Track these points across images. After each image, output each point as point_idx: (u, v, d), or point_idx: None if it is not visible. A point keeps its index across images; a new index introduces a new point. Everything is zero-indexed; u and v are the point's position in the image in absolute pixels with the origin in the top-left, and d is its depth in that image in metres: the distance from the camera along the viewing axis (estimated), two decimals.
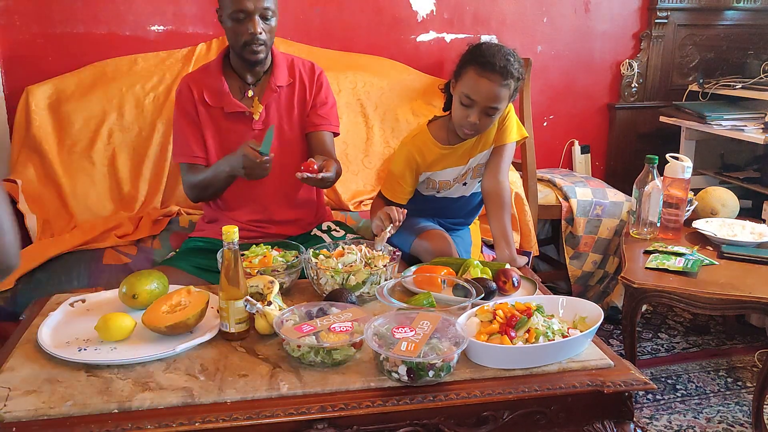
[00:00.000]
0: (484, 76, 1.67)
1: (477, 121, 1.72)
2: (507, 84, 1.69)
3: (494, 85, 1.68)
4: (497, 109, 1.72)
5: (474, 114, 1.71)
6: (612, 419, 1.20)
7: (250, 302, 1.29)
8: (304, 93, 1.91)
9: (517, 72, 1.70)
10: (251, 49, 1.76)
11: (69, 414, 1.08)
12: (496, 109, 1.72)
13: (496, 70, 1.67)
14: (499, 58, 1.68)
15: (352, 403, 1.11)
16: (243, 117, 1.85)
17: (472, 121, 1.72)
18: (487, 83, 1.67)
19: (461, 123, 1.75)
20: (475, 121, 1.72)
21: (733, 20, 3.26)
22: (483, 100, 1.69)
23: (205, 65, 1.94)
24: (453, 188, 1.92)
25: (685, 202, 2.27)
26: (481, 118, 1.72)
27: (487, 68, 1.67)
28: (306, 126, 1.93)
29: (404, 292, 1.52)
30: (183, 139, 1.88)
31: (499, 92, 1.69)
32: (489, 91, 1.68)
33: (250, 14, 1.72)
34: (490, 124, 1.77)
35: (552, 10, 3.06)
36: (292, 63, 1.93)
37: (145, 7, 2.59)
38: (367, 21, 2.85)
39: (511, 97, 1.75)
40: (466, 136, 1.80)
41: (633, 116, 3.27)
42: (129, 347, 1.27)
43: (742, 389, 2.30)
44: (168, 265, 1.82)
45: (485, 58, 1.68)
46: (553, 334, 1.24)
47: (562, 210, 2.71)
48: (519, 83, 1.74)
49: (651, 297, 1.92)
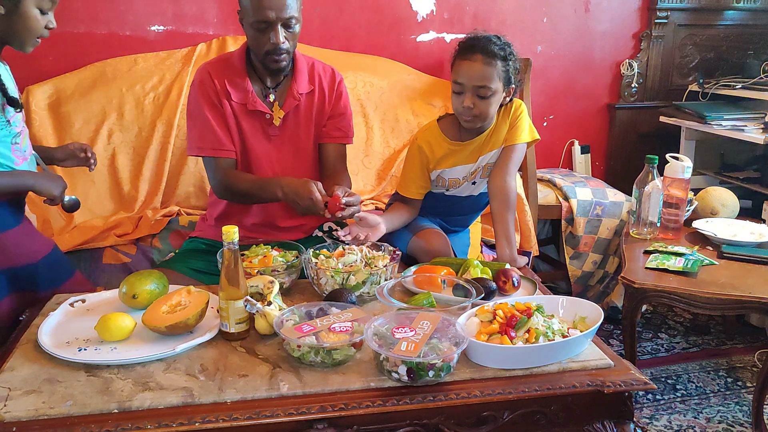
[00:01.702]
0: (466, 58, 1.74)
1: (471, 104, 1.74)
2: (491, 62, 1.71)
3: (476, 64, 1.71)
4: (488, 88, 1.72)
5: (467, 98, 1.74)
6: (612, 419, 1.20)
7: (250, 302, 1.29)
8: (323, 102, 1.88)
9: (501, 51, 1.73)
10: (273, 58, 1.72)
11: (69, 414, 1.08)
12: (487, 88, 1.72)
13: (476, 50, 1.72)
14: (477, 40, 1.74)
15: (352, 403, 1.11)
16: (263, 119, 1.82)
17: (466, 105, 1.74)
18: (469, 63, 1.72)
19: (459, 111, 1.79)
20: (469, 104, 1.74)
21: (733, 20, 3.26)
22: (468, 80, 1.73)
23: (226, 56, 1.87)
24: (462, 186, 1.93)
25: (685, 202, 2.27)
26: (474, 101, 1.74)
27: (468, 51, 1.74)
28: (321, 136, 1.90)
29: (404, 292, 1.52)
30: (209, 129, 1.77)
31: (483, 71, 1.71)
32: (472, 70, 1.72)
33: (272, 24, 1.67)
34: (488, 108, 1.77)
35: (552, 10, 3.06)
36: (312, 67, 1.88)
37: (145, 7, 2.60)
38: (367, 21, 2.85)
39: (505, 79, 1.76)
40: (468, 125, 1.81)
41: (633, 116, 3.27)
42: (129, 347, 1.27)
43: (742, 389, 2.30)
44: (166, 267, 1.81)
45: (465, 44, 1.76)
46: (553, 334, 1.24)
47: (562, 210, 2.71)
48: (509, 64, 1.75)
49: (651, 297, 1.92)
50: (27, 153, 1.61)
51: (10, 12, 1.45)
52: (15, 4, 1.45)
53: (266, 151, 1.85)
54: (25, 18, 1.46)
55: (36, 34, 1.50)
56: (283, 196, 1.68)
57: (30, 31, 1.49)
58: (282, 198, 1.68)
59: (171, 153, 2.39)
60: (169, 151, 2.39)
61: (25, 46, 1.52)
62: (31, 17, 1.47)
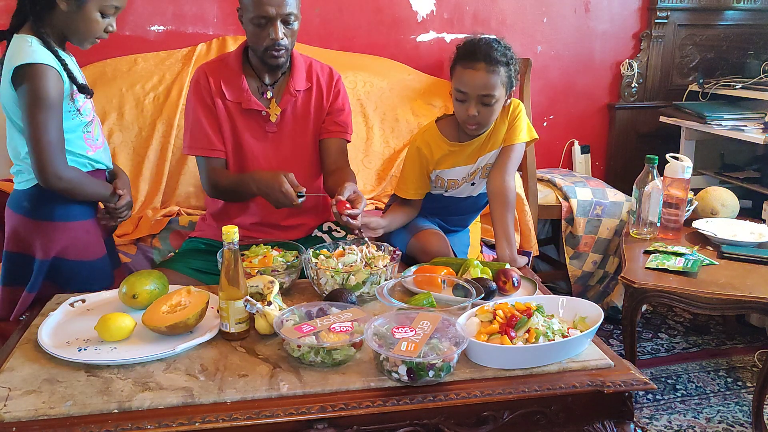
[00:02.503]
0: (469, 66, 1.72)
1: (475, 113, 1.73)
2: (494, 70, 1.70)
3: (480, 72, 1.70)
4: (492, 96, 1.72)
5: (470, 106, 1.73)
6: (612, 419, 1.20)
7: (250, 302, 1.29)
8: (321, 99, 1.88)
9: (503, 57, 1.72)
10: (272, 54, 1.73)
11: (69, 414, 1.08)
12: (491, 96, 1.72)
13: (479, 58, 1.71)
14: (479, 47, 1.72)
15: (352, 403, 1.11)
16: (260, 116, 1.83)
17: (471, 113, 1.74)
18: (473, 72, 1.71)
19: (463, 119, 1.78)
20: (473, 113, 1.73)
21: (733, 20, 3.26)
22: (473, 89, 1.72)
23: (223, 56, 1.89)
24: (461, 187, 1.93)
25: (685, 202, 2.27)
26: (479, 109, 1.73)
27: (470, 59, 1.72)
28: (321, 133, 1.90)
29: (404, 292, 1.52)
30: (201, 130, 1.80)
31: (487, 79, 1.70)
32: (476, 79, 1.70)
33: (272, 20, 1.68)
34: (492, 115, 1.77)
35: (552, 10, 3.06)
36: (310, 66, 1.89)
37: (145, 7, 2.60)
38: (367, 21, 2.85)
39: (508, 85, 1.75)
40: (472, 131, 1.81)
41: (633, 116, 3.27)
42: (129, 347, 1.27)
43: (742, 389, 2.30)
44: (166, 267, 1.81)
45: (466, 50, 1.74)
46: (553, 334, 1.24)
47: (562, 210, 2.71)
48: (511, 69, 1.74)
49: (651, 297, 1.92)
50: (100, 142, 1.63)
51: (72, 11, 1.47)
52: (78, 5, 1.47)
53: (263, 149, 1.85)
54: (86, 19, 1.48)
55: (95, 35, 1.52)
56: (257, 191, 1.69)
57: (89, 32, 1.51)
58: (257, 192, 1.70)
59: (171, 153, 2.39)
60: (169, 151, 2.39)
61: (83, 44, 1.54)
62: (92, 19, 1.49)
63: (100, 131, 1.65)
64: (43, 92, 1.43)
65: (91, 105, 1.61)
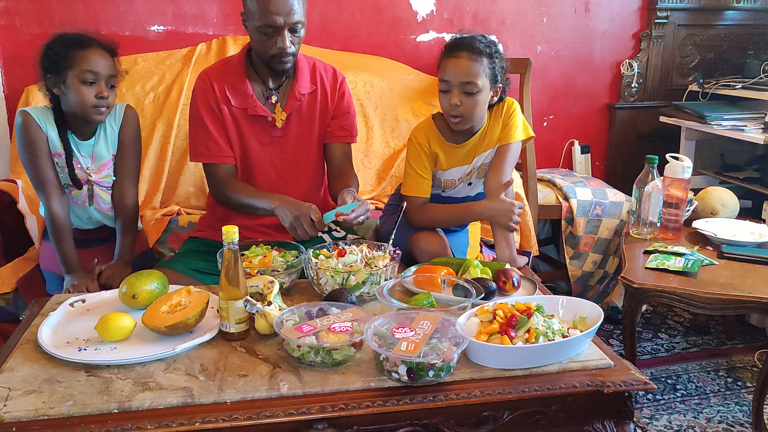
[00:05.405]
0: (451, 56, 1.75)
1: (458, 101, 1.74)
2: (476, 59, 1.72)
3: (462, 60, 1.72)
4: (474, 84, 1.72)
5: (453, 95, 1.74)
6: (612, 419, 1.20)
7: (250, 302, 1.29)
8: (326, 102, 1.88)
9: (486, 48, 1.73)
10: (279, 60, 1.73)
11: (69, 414, 1.08)
12: (473, 84, 1.72)
13: (461, 48, 1.74)
14: (463, 39, 1.76)
15: (352, 403, 1.11)
16: (265, 122, 1.82)
17: (453, 102, 1.74)
18: (455, 61, 1.73)
19: (446, 109, 1.79)
20: (456, 101, 1.74)
21: (733, 20, 3.26)
22: (455, 77, 1.73)
23: (226, 60, 1.88)
24: (458, 187, 1.92)
25: (685, 202, 2.26)
26: (461, 98, 1.74)
27: (452, 49, 1.75)
28: (326, 136, 1.90)
29: (404, 292, 1.52)
30: (208, 137, 1.80)
31: (469, 66, 1.72)
32: (458, 67, 1.72)
33: (279, 29, 1.68)
34: (475, 107, 1.76)
35: (552, 10, 3.06)
36: (314, 68, 1.89)
37: (145, 7, 2.60)
38: (367, 21, 2.85)
39: (492, 77, 1.75)
40: (455, 125, 1.80)
41: (633, 116, 3.27)
42: (129, 347, 1.27)
43: (742, 389, 2.30)
44: (166, 267, 1.81)
45: (451, 44, 1.78)
46: (553, 334, 1.24)
47: (562, 210, 2.71)
48: (495, 62, 1.75)
49: (651, 297, 1.92)
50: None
51: (63, 91, 1.69)
52: (63, 82, 1.68)
53: (269, 154, 1.85)
54: (73, 92, 1.68)
55: (89, 104, 1.68)
56: (275, 213, 1.69)
57: (82, 103, 1.68)
58: (275, 214, 1.69)
59: (171, 153, 2.39)
60: (169, 151, 2.39)
61: (87, 117, 1.71)
62: (78, 91, 1.67)
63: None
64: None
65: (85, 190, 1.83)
